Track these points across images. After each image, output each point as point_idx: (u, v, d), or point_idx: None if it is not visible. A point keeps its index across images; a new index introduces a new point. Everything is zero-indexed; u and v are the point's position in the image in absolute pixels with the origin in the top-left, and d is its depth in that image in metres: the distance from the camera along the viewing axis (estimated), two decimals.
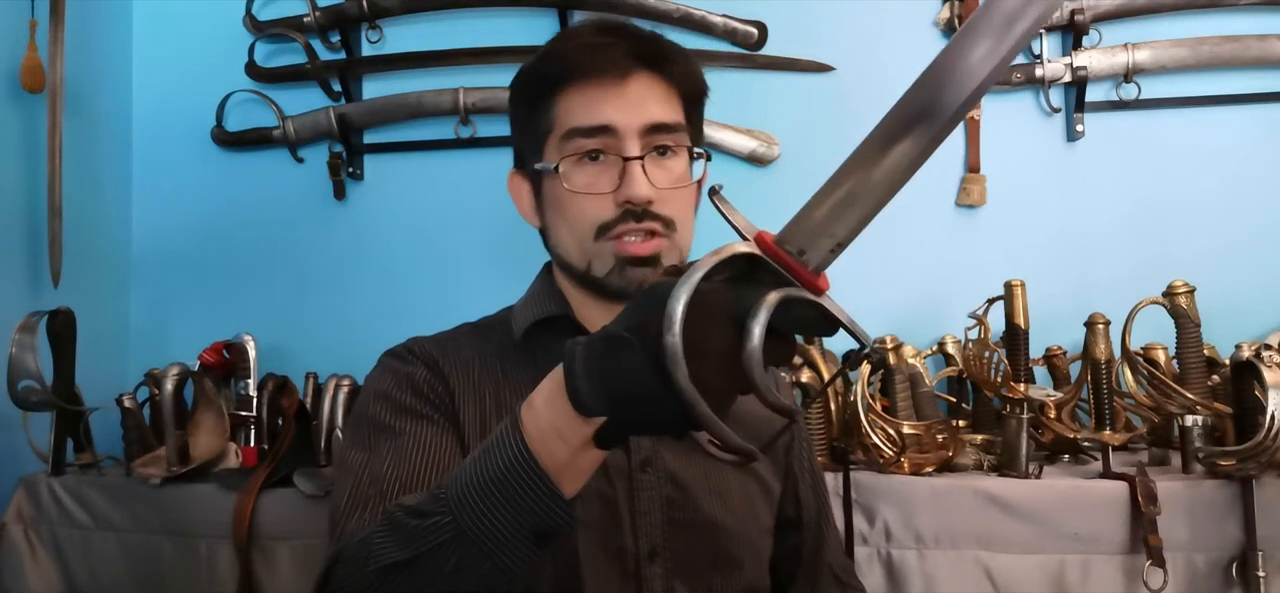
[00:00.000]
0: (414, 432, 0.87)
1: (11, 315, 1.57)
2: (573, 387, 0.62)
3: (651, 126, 0.90)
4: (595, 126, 0.90)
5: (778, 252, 0.60)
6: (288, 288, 2.02)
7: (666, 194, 0.90)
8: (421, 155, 2.01)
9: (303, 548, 1.46)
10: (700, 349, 0.56)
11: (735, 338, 0.57)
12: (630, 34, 0.93)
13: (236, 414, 1.64)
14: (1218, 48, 1.80)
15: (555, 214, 0.94)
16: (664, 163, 0.92)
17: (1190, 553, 1.32)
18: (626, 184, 0.89)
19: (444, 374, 0.93)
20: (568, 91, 0.92)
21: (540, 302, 0.98)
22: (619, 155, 0.90)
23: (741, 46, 1.93)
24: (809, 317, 0.61)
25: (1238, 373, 1.38)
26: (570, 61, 0.92)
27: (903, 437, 1.42)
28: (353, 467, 0.86)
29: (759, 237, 0.61)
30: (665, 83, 0.93)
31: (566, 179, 0.91)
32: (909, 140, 0.58)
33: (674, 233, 0.92)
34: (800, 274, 0.60)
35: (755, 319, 0.56)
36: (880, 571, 1.38)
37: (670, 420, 0.59)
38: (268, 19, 2.01)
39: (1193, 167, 1.84)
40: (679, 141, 0.93)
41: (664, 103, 0.93)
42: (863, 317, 2.01)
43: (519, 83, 0.99)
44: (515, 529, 0.65)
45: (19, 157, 1.75)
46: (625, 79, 0.91)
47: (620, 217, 0.89)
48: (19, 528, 1.55)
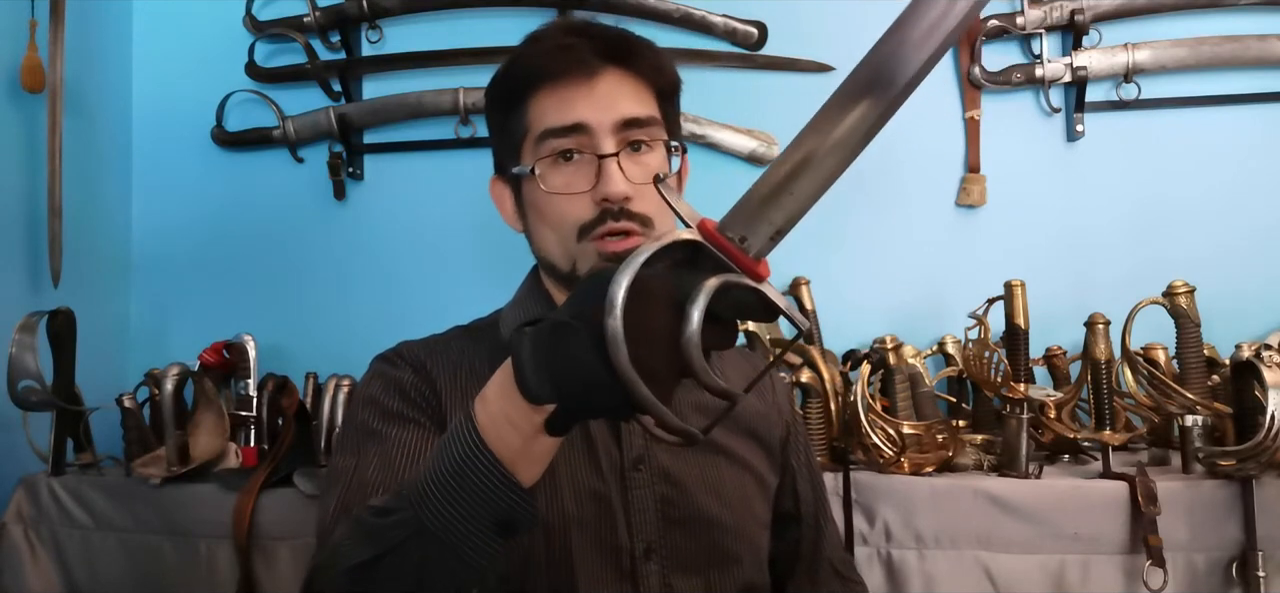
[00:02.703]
0: (399, 436, 0.88)
1: (11, 315, 1.57)
2: (520, 375, 0.63)
3: (624, 122, 0.90)
4: (568, 126, 0.90)
5: (719, 238, 0.61)
6: (288, 288, 2.02)
7: (643, 190, 0.90)
8: (421, 155, 2.01)
9: (303, 548, 1.46)
10: (641, 333, 0.57)
11: (676, 322, 0.58)
12: (596, 33, 0.93)
13: (236, 414, 1.64)
14: (1218, 48, 1.80)
15: (536, 217, 0.94)
16: (639, 158, 0.92)
17: (1190, 553, 1.32)
18: (603, 182, 0.89)
19: (431, 377, 0.93)
20: (539, 94, 0.92)
21: (526, 305, 0.99)
22: (593, 153, 0.90)
23: (741, 46, 1.93)
24: (749, 302, 0.62)
25: (1238, 373, 1.39)
26: (538, 64, 0.92)
27: (903, 437, 1.42)
28: (339, 473, 0.87)
29: (701, 224, 0.62)
30: (635, 78, 0.93)
31: (543, 181, 0.91)
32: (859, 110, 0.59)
33: (651, 229, 0.91)
34: (741, 261, 0.61)
35: (693, 304, 0.57)
36: (880, 571, 1.38)
37: (614, 404, 0.60)
38: (268, 19, 2.01)
39: (1193, 167, 1.84)
40: (653, 136, 0.93)
41: (635, 98, 0.92)
42: (863, 317, 2.01)
43: (492, 90, 0.99)
44: (475, 520, 0.66)
45: (19, 157, 1.75)
46: (594, 77, 0.91)
47: (599, 217, 0.89)
48: (19, 528, 1.55)
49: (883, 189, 1.87)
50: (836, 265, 1.86)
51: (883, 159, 1.86)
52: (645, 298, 0.58)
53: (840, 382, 1.56)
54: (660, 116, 0.95)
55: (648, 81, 0.94)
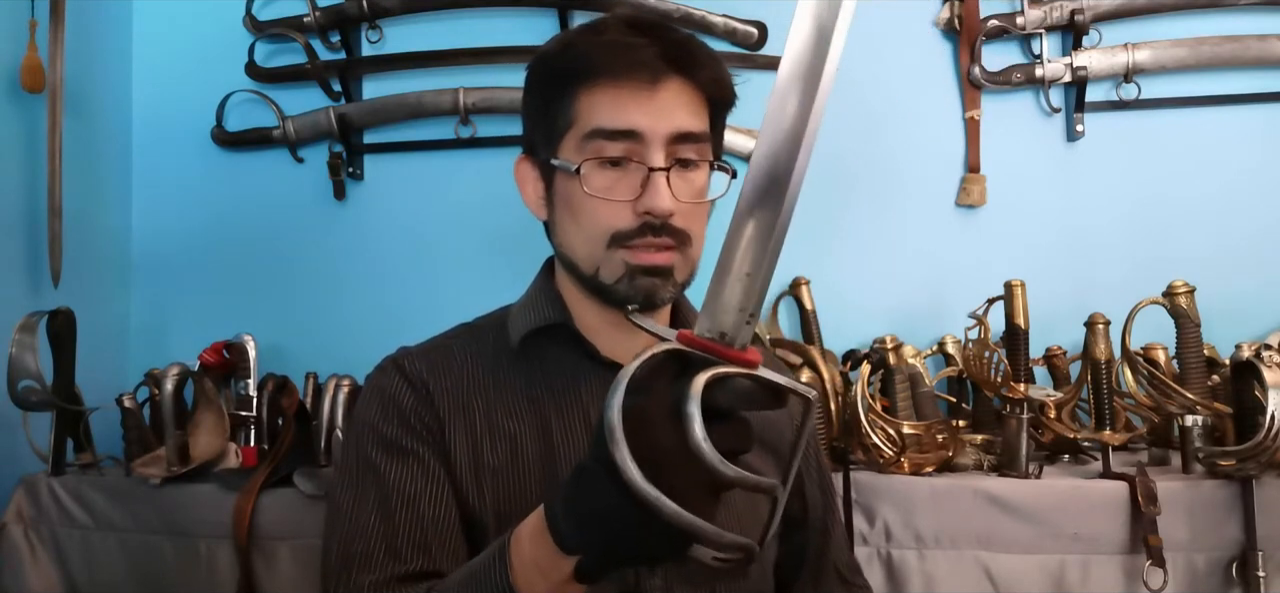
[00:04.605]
0: (397, 480, 0.87)
1: (11, 315, 1.57)
2: (553, 522, 0.64)
3: (678, 136, 0.87)
4: (621, 130, 0.86)
5: (699, 341, 0.61)
6: (288, 288, 2.02)
7: (686, 208, 0.87)
8: (421, 155, 2.01)
9: (303, 548, 1.46)
10: (651, 454, 0.56)
11: (684, 433, 0.57)
12: (663, 35, 0.88)
13: (236, 414, 1.64)
14: (1218, 48, 1.80)
15: (567, 214, 0.90)
16: (687, 175, 0.88)
17: (1190, 553, 1.32)
18: (649, 195, 0.85)
19: (431, 397, 0.91)
20: (592, 89, 0.87)
21: (538, 307, 0.95)
22: (642, 163, 0.86)
23: (741, 46, 1.93)
24: (750, 391, 0.61)
25: (1238, 373, 1.38)
26: (597, 58, 0.87)
27: (903, 437, 1.42)
28: (342, 510, 0.87)
29: (680, 335, 0.62)
30: (694, 89, 0.89)
31: (586, 182, 0.87)
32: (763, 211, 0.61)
33: (687, 248, 0.89)
34: (727, 355, 0.61)
35: (688, 404, 0.56)
36: (880, 571, 1.38)
37: (646, 539, 0.59)
38: (268, 19, 2.01)
39: (1193, 167, 1.84)
40: (703, 154, 0.89)
41: (692, 111, 0.88)
42: (863, 316, 2.01)
43: (539, 68, 0.93)
44: None
45: (19, 156, 1.75)
46: (656, 83, 0.86)
47: (639, 229, 0.86)
48: (19, 528, 1.55)
49: (883, 189, 1.87)
50: (836, 265, 1.86)
51: (883, 159, 1.88)
52: (647, 418, 0.57)
53: (840, 382, 1.57)
54: (711, 132, 0.91)
55: (706, 94, 0.90)
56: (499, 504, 0.87)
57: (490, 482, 0.88)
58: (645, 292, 0.87)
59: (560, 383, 0.93)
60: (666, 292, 0.88)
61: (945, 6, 1.87)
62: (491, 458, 0.89)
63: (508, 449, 0.89)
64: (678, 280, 0.89)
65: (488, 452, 0.89)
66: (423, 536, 0.84)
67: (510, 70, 1.92)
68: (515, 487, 0.88)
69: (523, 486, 0.88)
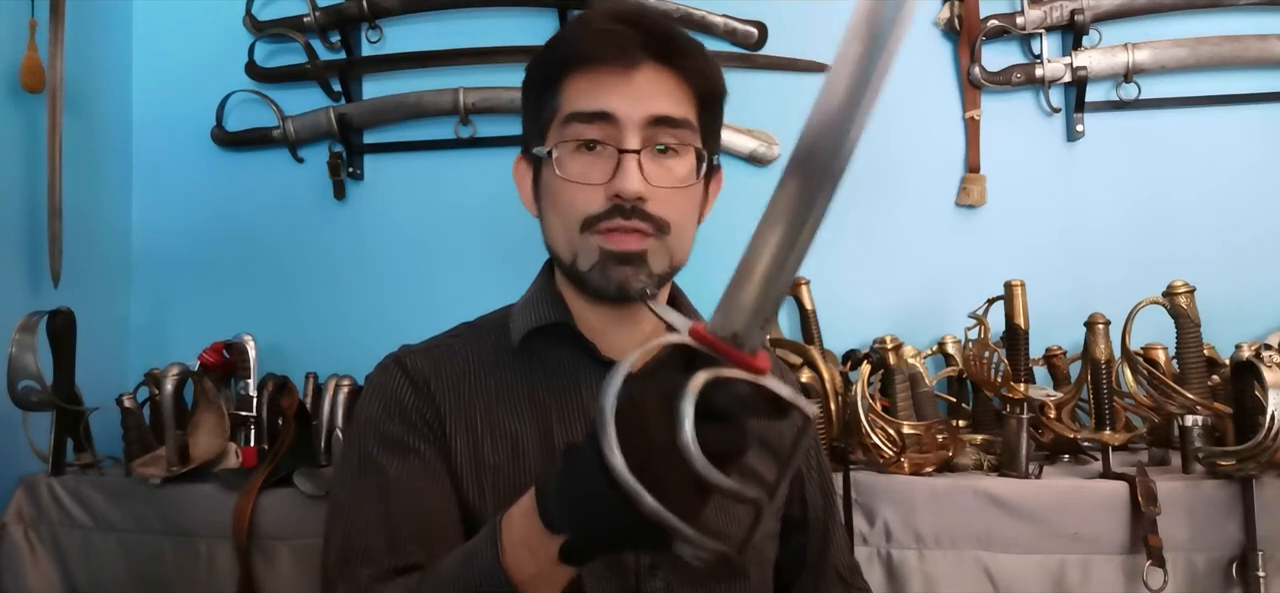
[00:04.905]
0: (398, 474, 0.86)
1: (11, 315, 1.57)
2: (542, 502, 0.64)
3: (654, 119, 0.86)
4: (594, 113, 0.86)
5: (710, 338, 0.58)
6: (288, 288, 2.02)
7: (662, 194, 0.86)
8: (421, 155, 2.01)
9: (303, 548, 1.46)
10: (641, 443, 0.55)
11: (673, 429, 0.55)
12: (644, 22, 0.88)
13: (236, 414, 1.64)
14: (1218, 48, 1.80)
15: (547, 203, 0.91)
16: (665, 161, 0.88)
17: (1190, 553, 1.32)
18: (619, 177, 0.85)
19: (432, 395, 0.91)
20: (574, 76, 0.88)
21: (538, 307, 0.95)
22: (616, 147, 0.86)
23: (741, 46, 1.93)
24: (750, 397, 0.58)
25: (1238, 373, 1.38)
26: (578, 45, 0.88)
27: (903, 437, 1.42)
28: (342, 506, 0.87)
29: (692, 329, 0.59)
30: (676, 77, 0.88)
31: (560, 166, 0.87)
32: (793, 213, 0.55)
33: (666, 236, 0.87)
34: (736, 357, 0.58)
35: (681, 401, 0.54)
36: (880, 571, 1.38)
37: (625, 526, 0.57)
38: (268, 19, 2.01)
39: (1193, 167, 1.84)
40: (683, 140, 0.88)
41: (672, 98, 0.88)
42: (863, 317, 2.01)
43: (530, 67, 0.95)
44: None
45: (19, 156, 1.75)
46: (633, 68, 0.86)
47: (607, 211, 0.86)
48: (19, 528, 1.55)
49: (883, 189, 1.87)
50: (836, 265, 1.86)
51: (883, 159, 1.88)
52: (642, 407, 0.56)
53: (840, 382, 1.56)
54: (696, 123, 0.90)
55: (690, 84, 0.89)
56: (500, 503, 0.86)
57: (491, 480, 0.88)
58: (618, 282, 0.87)
59: (561, 383, 0.93)
60: (639, 280, 0.87)
61: (945, 6, 1.87)
62: (492, 457, 0.89)
63: (509, 448, 0.90)
64: (654, 270, 0.88)
65: (489, 450, 0.89)
66: (423, 532, 0.84)
67: (510, 70, 1.92)
68: (516, 485, 0.88)
69: (524, 484, 0.87)
